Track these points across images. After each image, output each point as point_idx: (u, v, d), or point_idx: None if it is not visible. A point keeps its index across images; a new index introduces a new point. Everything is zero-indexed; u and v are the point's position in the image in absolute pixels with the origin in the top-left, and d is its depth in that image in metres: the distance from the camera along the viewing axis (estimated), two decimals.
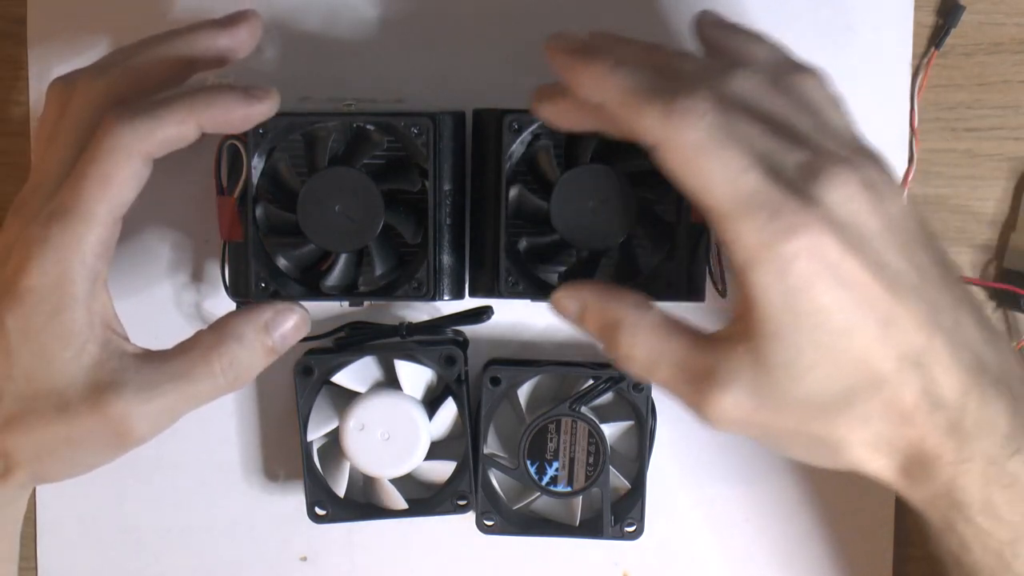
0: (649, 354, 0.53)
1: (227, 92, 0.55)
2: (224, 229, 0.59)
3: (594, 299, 0.54)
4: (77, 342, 0.54)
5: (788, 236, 0.48)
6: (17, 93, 0.66)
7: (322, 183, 0.58)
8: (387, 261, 0.59)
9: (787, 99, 0.52)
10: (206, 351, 0.56)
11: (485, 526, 0.64)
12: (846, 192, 0.49)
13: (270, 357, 0.58)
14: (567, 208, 0.58)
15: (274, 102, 0.56)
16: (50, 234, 0.54)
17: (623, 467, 0.64)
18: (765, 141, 0.50)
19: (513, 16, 0.64)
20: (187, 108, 0.54)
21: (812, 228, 0.48)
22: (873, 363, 0.49)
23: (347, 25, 0.65)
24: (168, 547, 0.67)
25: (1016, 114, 0.65)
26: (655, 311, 0.53)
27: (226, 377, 0.56)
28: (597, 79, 0.51)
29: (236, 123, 0.56)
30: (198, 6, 0.64)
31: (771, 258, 0.48)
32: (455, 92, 0.64)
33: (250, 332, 0.57)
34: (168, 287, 0.65)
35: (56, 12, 0.65)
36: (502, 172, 0.58)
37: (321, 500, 0.63)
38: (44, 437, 0.55)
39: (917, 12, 0.64)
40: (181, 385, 0.55)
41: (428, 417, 0.62)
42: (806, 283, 0.48)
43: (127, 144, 0.54)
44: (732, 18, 0.57)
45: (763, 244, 0.48)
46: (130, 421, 0.54)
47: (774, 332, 0.49)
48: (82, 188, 0.54)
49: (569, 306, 0.55)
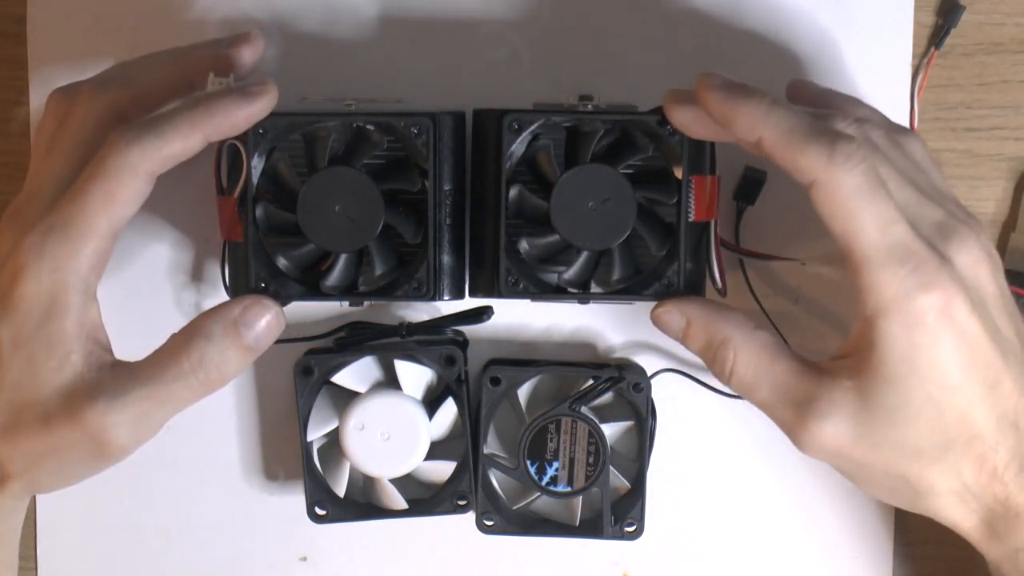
0: (754, 374, 0.55)
1: (225, 97, 0.55)
2: (224, 229, 0.59)
3: (700, 315, 0.56)
4: (62, 352, 0.54)
5: (926, 291, 0.51)
6: (17, 93, 0.66)
7: (322, 183, 0.57)
8: (387, 261, 0.59)
9: (905, 157, 0.55)
10: (175, 351, 0.55)
11: (485, 526, 0.64)
12: (974, 257, 0.53)
13: (246, 355, 0.56)
14: (567, 208, 0.58)
15: (273, 94, 0.56)
16: (47, 244, 0.54)
17: (623, 467, 0.64)
18: (905, 195, 0.53)
19: (513, 16, 0.64)
20: (190, 122, 0.54)
21: (948, 287, 0.51)
22: (974, 420, 0.53)
23: (347, 25, 0.65)
24: (168, 547, 0.67)
25: (1016, 114, 0.65)
26: (761, 332, 0.56)
27: (197, 376, 0.55)
28: (755, 118, 0.53)
29: (240, 124, 0.56)
30: (199, 6, 0.64)
31: (906, 310, 0.51)
32: (455, 92, 0.64)
33: (218, 329, 0.55)
34: (168, 287, 0.65)
35: (56, 12, 0.65)
36: (502, 172, 0.58)
37: (321, 500, 0.63)
38: (32, 448, 0.55)
39: (917, 12, 0.64)
40: (153, 388, 0.54)
41: (428, 417, 0.62)
42: (932, 339, 0.51)
43: (133, 164, 0.54)
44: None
45: (901, 295, 0.51)
46: (107, 430, 0.54)
47: (888, 378, 0.52)
48: (84, 203, 0.54)
49: (672, 321, 0.57)
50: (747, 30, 0.64)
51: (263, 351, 0.57)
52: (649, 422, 0.63)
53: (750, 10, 0.64)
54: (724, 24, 0.64)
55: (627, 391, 0.63)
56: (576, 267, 0.59)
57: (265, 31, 0.64)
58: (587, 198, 0.57)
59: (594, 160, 0.58)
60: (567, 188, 0.57)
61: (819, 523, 0.66)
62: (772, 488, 0.66)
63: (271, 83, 0.56)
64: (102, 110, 0.57)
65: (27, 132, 0.66)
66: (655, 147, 0.59)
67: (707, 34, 0.64)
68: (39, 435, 0.54)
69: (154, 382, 0.54)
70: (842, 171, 0.51)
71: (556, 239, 0.58)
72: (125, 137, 0.54)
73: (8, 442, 0.55)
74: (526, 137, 0.58)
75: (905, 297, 0.51)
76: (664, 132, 0.57)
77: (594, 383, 0.63)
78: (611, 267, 0.59)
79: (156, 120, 0.55)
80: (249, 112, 0.55)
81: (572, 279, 0.59)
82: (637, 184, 0.58)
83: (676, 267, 0.58)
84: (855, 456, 0.53)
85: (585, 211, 0.57)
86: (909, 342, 0.52)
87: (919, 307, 0.51)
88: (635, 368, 0.65)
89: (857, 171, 0.51)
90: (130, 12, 0.65)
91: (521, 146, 0.58)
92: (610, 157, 0.58)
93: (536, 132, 0.58)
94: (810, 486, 0.66)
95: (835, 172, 0.51)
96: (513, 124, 0.58)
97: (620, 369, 0.63)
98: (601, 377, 0.63)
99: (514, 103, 0.59)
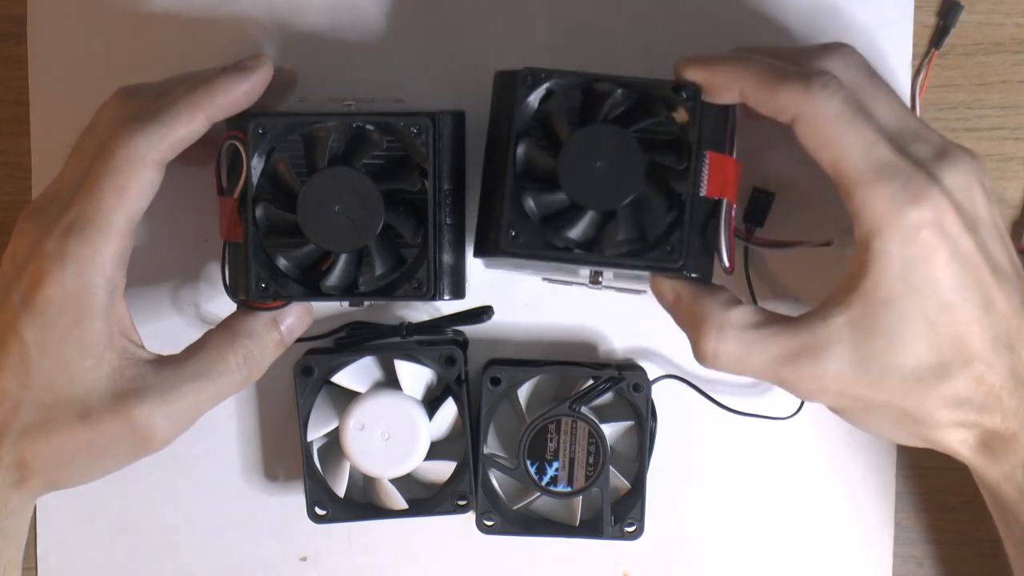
0: (738, 348, 0.55)
1: (222, 75, 0.56)
2: (224, 229, 0.59)
3: (688, 292, 0.57)
4: (96, 351, 0.55)
5: (918, 203, 0.52)
6: (17, 93, 0.66)
7: (322, 183, 0.57)
8: (387, 261, 0.59)
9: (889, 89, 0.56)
10: (221, 349, 0.58)
11: (485, 526, 0.64)
12: (967, 180, 0.53)
13: (280, 349, 0.60)
14: (575, 166, 0.56)
15: (268, 67, 0.57)
16: (69, 246, 0.54)
17: (623, 467, 0.64)
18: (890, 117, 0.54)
19: (513, 16, 0.64)
20: (191, 105, 0.55)
21: (940, 201, 0.52)
22: (970, 341, 0.53)
23: (347, 25, 0.65)
24: (168, 547, 0.67)
25: (1016, 114, 0.65)
26: (742, 308, 0.55)
27: (241, 372, 0.58)
28: (732, 72, 0.55)
29: (241, 100, 0.57)
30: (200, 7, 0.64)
31: (899, 224, 0.52)
32: (455, 92, 0.64)
33: (260, 327, 0.59)
34: (168, 287, 0.65)
35: (56, 12, 0.65)
36: (513, 126, 0.57)
37: (321, 500, 0.63)
38: (65, 445, 0.56)
39: (917, 12, 0.64)
40: (201, 384, 0.57)
41: (428, 417, 0.62)
42: (927, 252, 0.52)
43: (141, 154, 0.55)
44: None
45: (893, 210, 0.52)
46: (153, 425, 0.56)
47: (885, 299, 0.52)
48: (99, 199, 0.55)
49: (665, 292, 0.58)
50: (747, 30, 0.64)
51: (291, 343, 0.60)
52: (649, 422, 0.63)
53: (751, 11, 0.64)
54: (725, 24, 0.64)
55: (627, 391, 0.63)
56: (580, 226, 0.57)
57: (265, 31, 0.64)
58: (596, 158, 0.56)
59: (607, 121, 0.57)
60: (576, 147, 0.56)
61: (819, 523, 0.66)
62: (772, 488, 0.66)
63: (264, 56, 0.57)
64: (126, 113, 0.57)
65: (27, 132, 0.66)
66: (669, 114, 0.58)
67: (708, 34, 0.64)
68: (76, 432, 0.55)
69: (201, 378, 0.57)
70: (820, 99, 0.53)
71: (562, 197, 0.57)
72: (129, 128, 0.55)
73: (39, 440, 0.56)
74: (541, 93, 0.57)
75: (897, 212, 0.52)
76: (679, 97, 0.56)
77: (594, 383, 0.63)
78: (616, 231, 0.57)
79: (158, 108, 0.56)
80: (248, 87, 0.56)
81: (576, 238, 0.57)
82: (648, 149, 0.56)
83: (679, 235, 0.57)
84: (857, 392, 0.54)
85: (593, 171, 0.56)
86: (905, 257, 0.52)
87: (911, 220, 0.52)
88: (635, 368, 0.65)
89: (835, 98, 0.53)
90: (131, 12, 0.65)
91: (535, 102, 0.57)
92: (624, 121, 0.57)
93: (551, 88, 0.57)
94: (810, 487, 0.66)
95: (813, 101, 0.53)
96: (528, 79, 0.57)
97: (620, 369, 0.63)
98: (601, 377, 0.63)
99: None
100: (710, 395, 0.65)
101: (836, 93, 0.53)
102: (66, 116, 0.59)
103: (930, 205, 0.52)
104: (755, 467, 0.66)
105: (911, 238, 0.52)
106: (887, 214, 0.52)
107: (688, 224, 0.56)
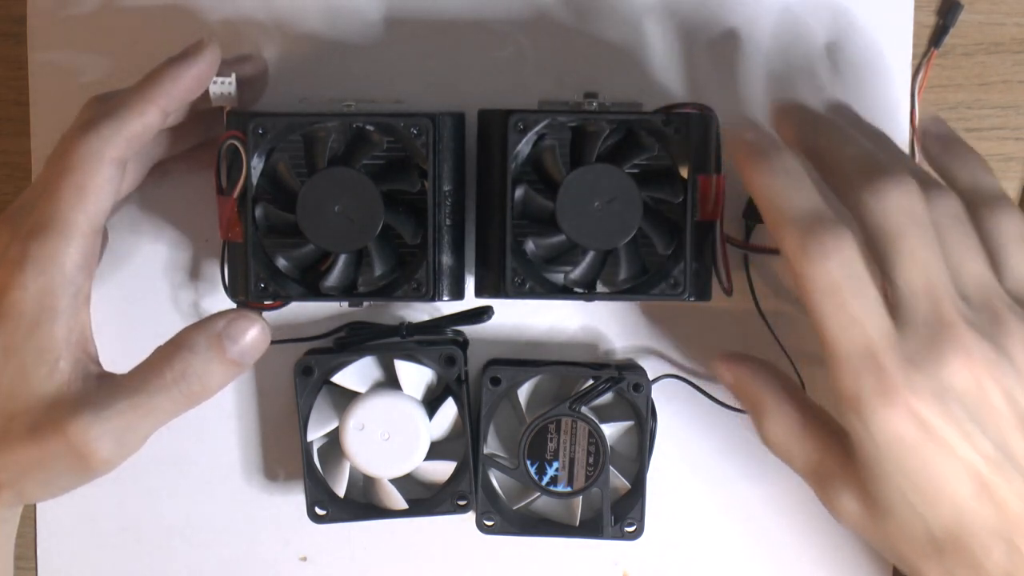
0: (784, 446, 0.56)
1: (167, 65, 0.56)
2: (223, 229, 0.59)
3: (744, 376, 0.57)
4: (52, 358, 0.54)
5: (886, 403, 0.50)
6: (17, 93, 0.66)
7: (322, 183, 0.57)
8: (387, 261, 0.59)
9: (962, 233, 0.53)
10: (158, 363, 0.55)
11: (485, 526, 0.64)
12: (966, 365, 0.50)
13: (231, 369, 0.56)
14: (573, 208, 0.58)
15: (212, 48, 0.56)
16: (29, 248, 0.54)
17: (623, 467, 0.64)
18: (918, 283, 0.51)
19: (513, 16, 0.64)
20: (142, 98, 0.55)
21: (910, 402, 0.50)
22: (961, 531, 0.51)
23: (347, 25, 0.65)
24: (168, 547, 0.67)
25: (1016, 114, 0.65)
26: (792, 404, 0.56)
27: (180, 388, 0.55)
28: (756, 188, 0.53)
29: (192, 87, 0.56)
30: (199, 6, 0.64)
31: (866, 419, 0.50)
32: (455, 92, 0.64)
33: (202, 341, 0.55)
34: (167, 287, 0.65)
35: (56, 12, 0.65)
36: (508, 172, 0.58)
37: (321, 500, 0.63)
38: (19, 458, 0.54)
39: (917, 12, 0.64)
40: (136, 400, 0.54)
41: (428, 417, 0.62)
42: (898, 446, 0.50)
43: (97, 152, 0.54)
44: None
45: (857, 399, 0.50)
46: (89, 443, 0.53)
47: (875, 476, 0.52)
48: (58, 200, 0.54)
49: (725, 376, 0.58)
50: (748, 30, 0.64)
51: (249, 365, 0.57)
52: (649, 422, 0.63)
53: (751, 12, 0.64)
54: (725, 24, 0.64)
55: (627, 391, 0.63)
56: (582, 267, 0.59)
57: (265, 31, 0.64)
58: (593, 198, 0.57)
59: (599, 160, 0.58)
60: (573, 188, 0.57)
61: (819, 523, 0.66)
62: (772, 488, 0.66)
63: (206, 40, 0.57)
64: (88, 116, 0.56)
65: (27, 132, 0.66)
66: (660, 146, 0.59)
67: (707, 34, 0.64)
68: (27, 446, 0.54)
69: (137, 394, 0.54)
70: (811, 267, 0.50)
71: (562, 239, 0.58)
72: (84, 129, 0.54)
73: (4, 452, 0.54)
74: (532, 137, 0.58)
75: (864, 406, 0.50)
76: (669, 131, 0.57)
77: (594, 383, 0.63)
78: (617, 267, 0.59)
79: (109, 105, 0.55)
80: (196, 72, 0.56)
81: (578, 279, 0.59)
82: (643, 184, 0.58)
83: (682, 267, 0.58)
84: (868, 533, 0.54)
85: (591, 211, 0.57)
86: (873, 443, 0.51)
87: (878, 417, 0.50)
88: (635, 368, 0.65)
89: (826, 269, 0.50)
90: (130, 12, 0.65)
91: (527, 146, 0.58)
92: (616, 157, 0.58)
93: (541, 132, 0.58)
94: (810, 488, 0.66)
95: (806, 265, 0.50)
96: (519, 124, 0.58)
97: (620, 369, 0.63)
98: (601, 377, 0.63)
99: (517, 102, 0.59)
100: (710, 395, 0.65)
101: (829, 259, 0.50)
102: (66, 116, 0.59)
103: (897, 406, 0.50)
104: (755, 467, 0.66)
105: (880, 431, 0.50)
106: (856, 404, 0.50)
107: (689, 255, 0.58)
